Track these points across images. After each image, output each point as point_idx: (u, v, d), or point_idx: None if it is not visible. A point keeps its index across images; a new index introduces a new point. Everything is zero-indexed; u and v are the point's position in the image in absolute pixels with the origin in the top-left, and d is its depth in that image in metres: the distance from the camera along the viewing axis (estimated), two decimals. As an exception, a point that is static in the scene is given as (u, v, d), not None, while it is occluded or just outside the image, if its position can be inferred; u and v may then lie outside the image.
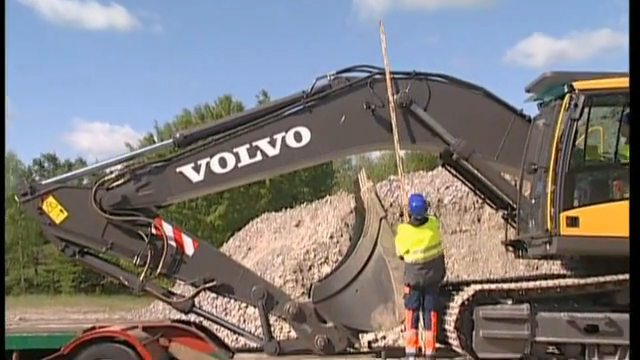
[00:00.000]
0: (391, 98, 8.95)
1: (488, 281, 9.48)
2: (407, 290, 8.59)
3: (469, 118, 9.13)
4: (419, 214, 8.72)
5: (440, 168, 14.61)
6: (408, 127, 9.06)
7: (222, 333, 11.12)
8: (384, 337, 12.57)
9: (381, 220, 9.02)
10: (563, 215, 7.93)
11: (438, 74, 9.27)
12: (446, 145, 9.02)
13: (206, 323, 9.92)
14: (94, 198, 8.76)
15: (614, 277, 7.91)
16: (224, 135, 9.06)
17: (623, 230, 7.65)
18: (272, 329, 9.36)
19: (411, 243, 8.56)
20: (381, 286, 8.87)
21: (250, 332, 10.41)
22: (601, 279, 7.98)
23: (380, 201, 9.38)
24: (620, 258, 7.89)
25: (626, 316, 7.73)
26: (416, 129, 9.09)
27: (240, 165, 8.95)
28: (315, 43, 79.51)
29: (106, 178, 8.94)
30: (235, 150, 8.94)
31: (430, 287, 8.54)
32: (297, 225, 21.28)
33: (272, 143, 8.96)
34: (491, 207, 10.23)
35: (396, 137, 8.93)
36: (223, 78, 76.75)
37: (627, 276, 7.68)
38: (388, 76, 9.02)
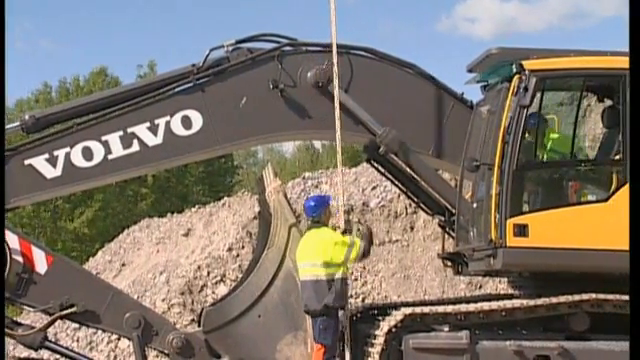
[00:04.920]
0: (335, 78, 8.90)
1: (421, 303, 9.71)
2: None
3: (399, 103, 9.30)
4: (308, 216, 8.75)
5: (365, 164, 14.86)
6: (325, 113, 9.11)
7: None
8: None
9: (290, 228, 9.05)
10: (510, 222, 8.12)
11: (362, 47, 9.40)
12: (371, 135, 9.14)
13: (64, 361, 9.68)
14: None
15: (569, 298, 8.12)
16: (90, 118, 8.91)
17: (581, 241, 8.00)
18: (150, 367, 9.26)
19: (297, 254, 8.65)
20: (290, 310, 8.89)
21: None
22: (554, 300, 8.17)
23: (290, 204, 9.43)
24: (577, 274, 8.26)
25: (582, 344, 8.06)
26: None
27: (111, 157, 8.84)
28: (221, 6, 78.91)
29: None
30: (104, 138, 8.82)
31: (311, 314, 8.44)
32: (186, 234, 21.03)
33: (153, 130, 8.88)
34: (426, 213, 10.40)
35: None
36: (98, 46, 74.79)
37: (584, 297, 8.01)
38: (334, 45, 8.94)
